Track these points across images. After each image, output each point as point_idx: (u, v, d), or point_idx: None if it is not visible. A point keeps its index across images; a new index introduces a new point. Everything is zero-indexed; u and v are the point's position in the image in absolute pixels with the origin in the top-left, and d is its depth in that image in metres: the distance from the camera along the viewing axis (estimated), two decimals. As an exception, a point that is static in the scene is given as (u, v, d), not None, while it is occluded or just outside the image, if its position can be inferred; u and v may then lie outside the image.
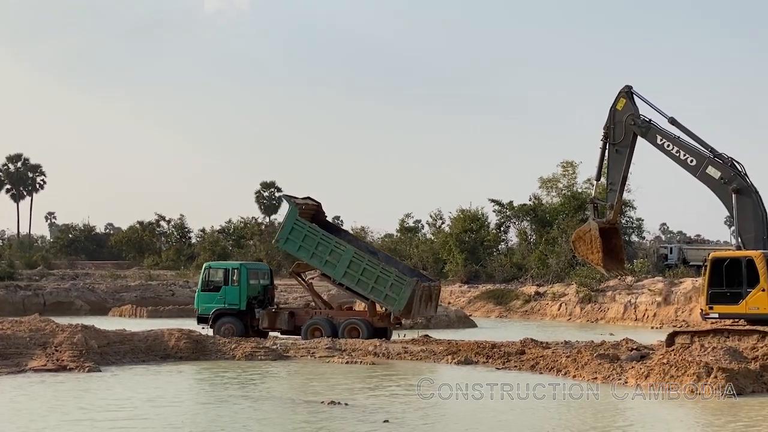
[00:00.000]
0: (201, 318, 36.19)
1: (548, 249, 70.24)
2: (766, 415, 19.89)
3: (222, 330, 34.79)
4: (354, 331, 34.04)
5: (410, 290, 33.20)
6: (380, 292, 33.76)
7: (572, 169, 75.72)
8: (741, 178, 29.31)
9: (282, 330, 35.40)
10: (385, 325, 34.91)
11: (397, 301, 33.37)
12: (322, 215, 37.45)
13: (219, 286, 35.86)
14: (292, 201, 35.61)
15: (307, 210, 36.21)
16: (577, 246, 32.41)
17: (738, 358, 24.35)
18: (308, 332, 34.32)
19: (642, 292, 56.69)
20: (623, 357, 27.65)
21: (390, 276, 33.67)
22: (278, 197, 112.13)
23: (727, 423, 19.22)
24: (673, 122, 30.37)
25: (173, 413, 20.20)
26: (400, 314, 34.07)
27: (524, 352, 29.96)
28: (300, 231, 34.76)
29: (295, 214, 35.05)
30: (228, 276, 35.92)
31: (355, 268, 34.03)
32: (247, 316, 35.46)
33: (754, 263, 28.00)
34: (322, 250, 34.52)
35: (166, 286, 67.44)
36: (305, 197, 37.03)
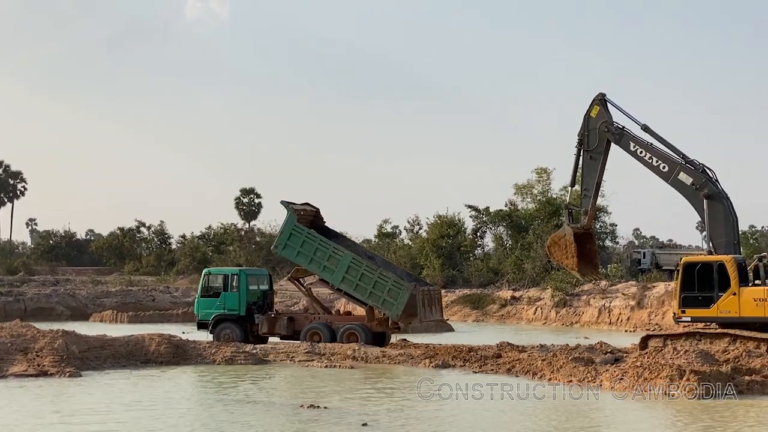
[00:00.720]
0: (201, 324, 36.11)
1: (524, 254, 70.38)
2: (734, 417, 20.00)
3: (222, 335, 34.72)
4: (353, 336, 33.84)
5: (408, 295, 32.98)
6: (378, 297, 33.50)
7: (546, 176, 75.91)
8: (712, 184, 29.45)
9: (281, 335, 35.10)
10: (383, 330, 34.59)
11: (395, 305, 33.13)
12: (321, 221, 37.16)
13: (219, 292, 35.65)
14: (291, 207, 35.31)
15: (305, 215, 35.94)
16: (552, 251, 32.47)
17: (710, 361, 24.46)
18: (307, 337, 34.13)
19: (616, 296, 56.87)
20: (598, 360, 27.70)
21: (388, 281, 33.44)
22: (258, 204, 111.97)
23: (696, 424, 19.30)
24: (646, 129, 30.49)
25: (149, 416, 20.13)
26: (398, 319, 33.79)
27: (500, 356, 29.98)
28: (298, 236, 34.54)
29: (293, 219, 34.78)
30: (227, 282, 35.69)
31: (354, 274, 33.79)
32: (246, 321, 35.29)
33: (725, 267, 28.14)
34: (320, 256, 34.26)
35: (147, 291, 67.21)
36: (303, 203, 36.75)
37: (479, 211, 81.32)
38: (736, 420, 19.69)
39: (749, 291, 27.97)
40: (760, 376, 23.50)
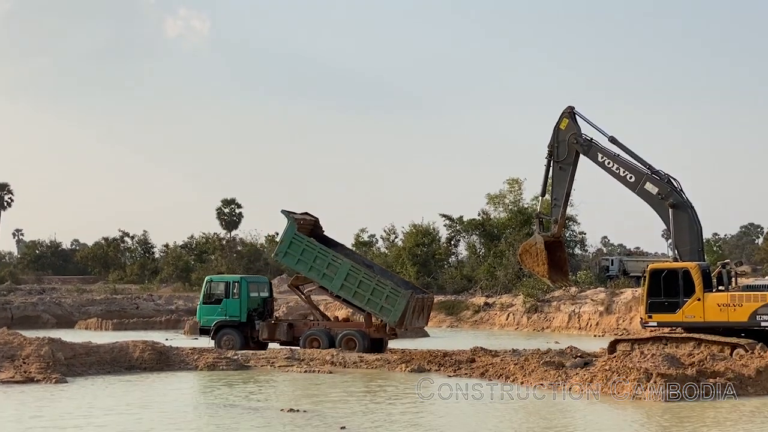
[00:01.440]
0: (203, 330, 36.02)
1: (496, 262, 70.54)
2: (694, 418, 20.10)
3: (223, 341, 34.67)
4: (351, 341, 33.67)
5: (405, 302, 32.90)
6: (376, 304, 33.36)
7: (518, 186, 76.12)
8: (677, 194, 29.60)
9: (281, 341, 34.95)
10: (380, 336, 34.46)
11: (393, 312, 33.01)
12: (320, 230, 37.02)
13: (220, 299, 35.56)
14: (291, 216, 35.17)
15: (305, 225, 35.77)
16: (523, 259, 32.52)
17: (676, 364, 24.52)
18: (306, 343, 34.04)
19: (585, 302, 57.08)
20: (568, 364, 27.75)
21: (386, 288, 33.32)
22: (239, 214, 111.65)
23: (662, 425, 19.39)
24: (613, 141, 30.62)
25: (128, 420, 20.04)
26: (396, 325, 33.69)
27: (474, 360, 30.01)
28: (298, 245, 34.38)
29: (293, 228, 34.61)
30: (229, 289, 35.59)
31: (352, 281, 33.65)
32: (247, 327, 35.19)
33: (690, 274, 28.30)
34: (319, 264, 34.12)
35: (131, 299, 66.98)
36: (303, 212, 36.59)
37: (453, 221, 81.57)
38: (691, 421, 19.76)
39: (713, 297, 28.12)
40: (723, 379, 23.59)
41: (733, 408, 21.26)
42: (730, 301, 27.87)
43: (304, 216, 36.25)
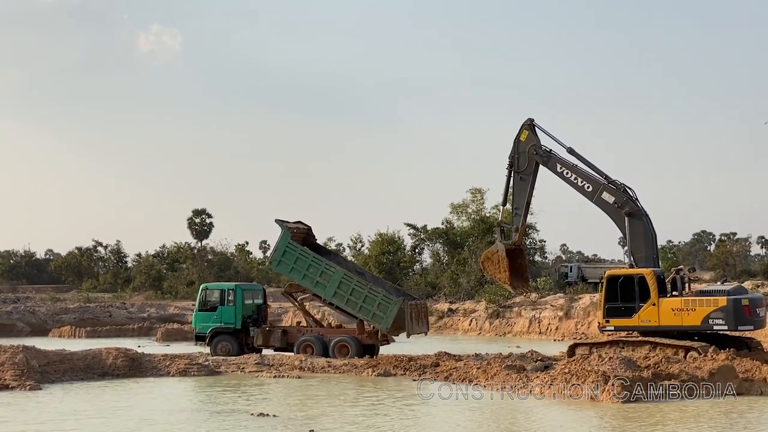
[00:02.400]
0: (199, 336, 35.72)
1: (459, 269, 70.64)
2: (650, 417, 20.21)
3: (218, 348, 34.46)
4: (344, 348, 33.53)
5: (396, 309, 32.72)
6: (368, 311, 33.19)
7: (480, 196, 76.34)
8: (633, 203, 29.78)
9: (275, 347, 34.77)
10: (373, 342, 34.27)
11: (384, 319, 32.85)
12: (312, 238, 36.84)
13: (215, 306, 35.34)
14: (285, 225, 34.92)
15: (298, 233, 35.54)
16: (485, 266, 32.57)
17: (632, 367, 24.64)
18: (300, 349, 33.87)
19: (545, 308, 57.24)
20: (529, 367, 27.84)
21: (377, 296, 33.15)
22: (209, 224, 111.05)
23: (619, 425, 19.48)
24: (571, 152, 30.77)
25: (96, 424, 19.89)
26: (387, 332, 33.52)
27: (438, 365, 30.01)
28: (292, 253, 34.16)
29: (287, 237, 34.36)
30: (224, 296, 35.40)
31: (345, 289, 33.44)
32: (242, 334, 34.99)
33: (645, 280, 28.46)
34: (313, 272, 33.90)
35: (104, 307, 66.34)
36: (296, 221, 36.35)
37: (417, 229, 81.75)
38: (641, 420, 19.88)
39: (667, 302, 28.28)
40: (678, 381, 23.74)
41: (684, 409, 21.41)
42: (684, 305, 28.03)
43: (297, 225, 36.08)
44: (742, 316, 27.58)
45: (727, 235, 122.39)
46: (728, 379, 23.97)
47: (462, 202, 77.56)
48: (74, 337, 52.55)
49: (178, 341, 47.59)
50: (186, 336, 49.76)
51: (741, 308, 27.59)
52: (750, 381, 24.03)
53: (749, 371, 24.41)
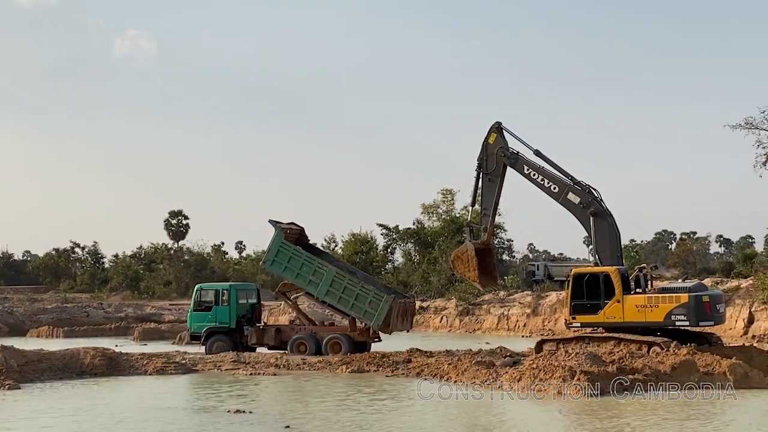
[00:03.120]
0: (194, 336, 35.64)
1: (430, 268, 70.76)
2: (609, 410, 20.36)
3: (214, 347, 34.33)
4: (336, 345, 33.56)
5: (388, 306, 32.78)
6: (360, 309, 33.22)
7: (451, 196, 76.54)
8: (597, 203, 29.94)
9: (269, 345, 34.70)
10: (364, 339, 34.27)
11: (376, 316, 32.87)
12: (305, 239, 36.84)
13: (210, 306, 35.26)
14: (278, 225, 34.88)
15: (291, 234, 35.51)
16: (455, 265, 32.64)
17: (598, 362, 24.82)
18: (294, 347, 33.82)
19: (513, 305, 57.47)
20: (498, 363, 27.93)
21: (369, 293, 33.18)
22: (185, 225, 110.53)
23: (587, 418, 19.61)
24: (538, 154, 30.89)
25: (69, 422, 19.76)
26: (379, 328, 33.56)
27: (411, 361, 30.07)
28: (285, 253, 34.15)
29: (280, 237, 34.35)
30: (218, 296, 35.32)
31: (337, 287, 33.45)
32: (236, 333, 34.93)
33: (610, 278, 28.62)
34: (306, 271, 33.89)
35: (81, 308, 65.85)
36: (290, 222, 36.32)
37: (389, 230, 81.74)
38: (596, 415, 20.03)
39: (631, 298, 28.45)
40: (641, 375, 23.95)
41: (646, 402, 21.56)
42: (647, 302, 28.21)
43: (290, 225, 36.07)
44: (703, 312, 27.81)
45: (688, 234, 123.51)
46: (690, 373, 24.22)
47: (433, 203, 77.76)
48: (52, 337, 52.12)
49: (155, 340, 47.35)
50: (163, 335, 49.63)
51: (702, 305, 27.82)
52: (710, 375, 24.26)
53: (710, 365, 24.64)
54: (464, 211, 70.86)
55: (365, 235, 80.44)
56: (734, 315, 44.83)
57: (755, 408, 21.01)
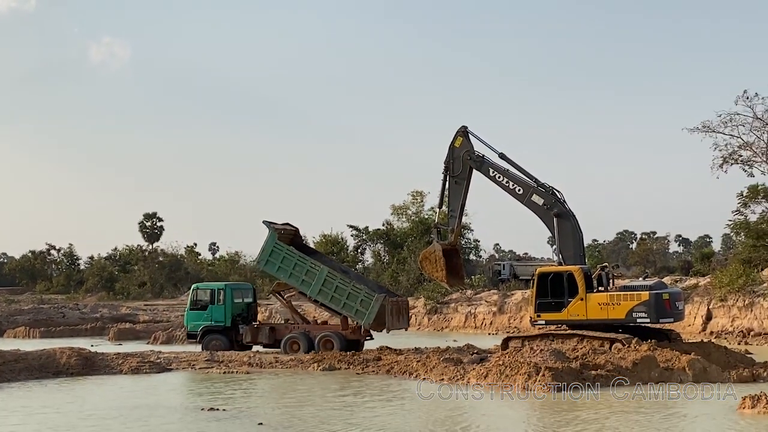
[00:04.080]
0: (190, 335, 35.39)
1: (399, 267, 70.84)
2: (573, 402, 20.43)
3: (210, 345, 34.09)
4: (328, 343, 33.33)
5: (378, 305, 32.56)
6: (351, 308, 33.00)
7: (420, 198, 76.71)
8: (560, 204, 30.07)
9: (264, 344, 34.50)
10: (357, 337, 34.01)
11: (367, 315, 32.65)
12: (300, 239, 36.71)
13: (206, 305, 34.96)
14: (272, 226, 34.67)
15: (285, 234, 35.33)
16: (424, 265, 32.67)
17: (562, 358, 24.90)
18: (287, 345, 33.60)
19: (480, 304, 57.65)
20: (466, 360, 27.97)
21: (360, 292, 32.96)
22: (160, 227, 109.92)
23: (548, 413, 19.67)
24: (503, 157, 31.00)
25: (39, 420, 19.53)
26: (370, 327, 33.37)
27: (381, 359, 30.02)
28: (279, 253, 33.91)
29: (274, 238, 34.13)
30: (214, 296, 35.04)
31: (329, 286, 33.23)
32: (232, 331, 34.66)
33: (573, 277, 28.77)
34: (298, 270, 33.68)
35: (58, 308, 65.32)
36: (284, 223, 36.14)
37: (360, 230, 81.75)
38: (554, 408, 20.10)
39: (594, 297, 28.61)
40: (604, 371, 24.06)
41: (609, 397, 21.65)
42: (610, 300, 28.38)
43: (284, 226, 35.93)
44: (663, 309, 28.02)
45: (648, 234, 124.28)
46: (650, 368, 24.37)
47: (402, 204, 77.86)
48: (29, 337, 51.62)
49: (130, 340, 47.03)
50: (138, 335, 49.29)
51: (662, 302, 28.03)
52: (670, 370, 24.43)
53: (669, 361, 24.81)
54: (432, 212, 71.05)
55: (336, 235, 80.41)
56: (693, 312, 45.19)
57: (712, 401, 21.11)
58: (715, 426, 17.49)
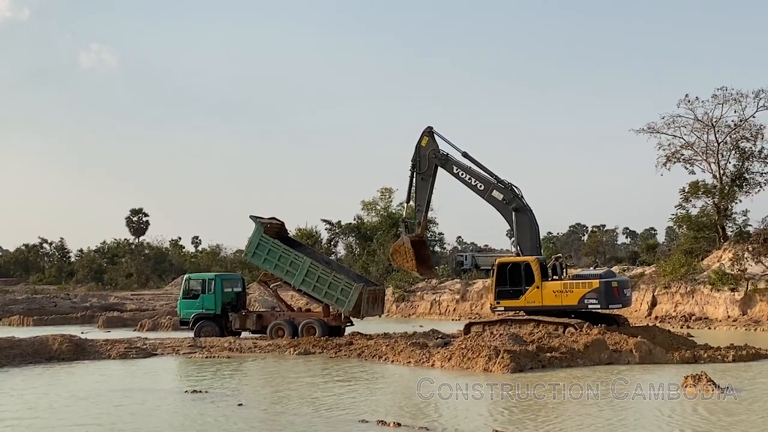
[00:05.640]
0: (183, 322, 35.26)
1: (369, 259, 70.78)
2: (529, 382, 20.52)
3: (201, 332, 34.01)
4: (311, 329, 33.22)
5: (357, 294, 32.53)
6: (332, 296, 32.94)
7: (389, 194, 76.66)
8: (518, 200, 30.19)
9: (251, 330, 34.43)
10: (338, 324, 33.95)
11: (347, 303, 32.62)
12: (285, 232, 36.67)
13: (198, 294, 34.83)
14: (258, 221, 34.59)
15: (272, 228, 35.29)
16: (394, 258, 32.67)
17: (519, 342, 25.03)
18: (273, 332, 33.48)
19: (444, 292, 57.81)
20: (431, 344, 28.02)
21: (340, 282, 32.92)
22: (146, 222, 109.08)
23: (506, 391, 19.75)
24: (466, 155, 31.06)
25: (23, 402, 19.31)
26: (350, 314, 33.29)
27: (352, 343, 30.02)
28: (265, 246, 33.87)
29: (260, 231, 34.08)
30: (205, 285, 34.91)
31: (312, 276, 33.18)
32: (222, 319, 34.58)
33: (530, 267, 28.90)
34: (283, 262, 33.60)
35: (50, 298, 64.66)
36: (270, 217, 36.09)
37: (332, 224, 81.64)
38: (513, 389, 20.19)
39: (549, 285, 28.76)
40: (558, 353, 24.20)
41: (556, 375, 21.76)
42: (563, 288, 28.55)
43: (271, 220, 35.89)
44: (612, 296, 28.22)
45: (598, 226, 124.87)
46: (600, 350, 24.54)
47: (372, 200, 77.79)
48: (23, 325, 51.18)
49: (118, 328, 46.70)
50: (125, 323, 48.97)
51: (611, 289, 28.23)
52: (618, 352, 24.62)
53: (618, 344, 24.99)
54: (400, 207, 71.09)
55: (310, 229, 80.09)
56: (639, 298, 45.62)
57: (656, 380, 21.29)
58: (660, 404, 17.61)
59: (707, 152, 52.80)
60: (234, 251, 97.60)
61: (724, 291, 42.62)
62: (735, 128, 51.87)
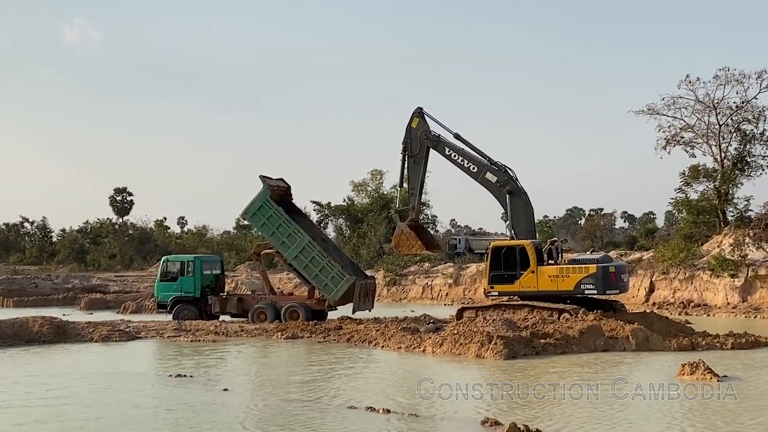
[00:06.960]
0: (160, 305, 35.20)
1: (360, 241, 70.82)
2: (522, 368, 20.57)
3: (180, 315, 33.95)
4: (294, 313, 33.28)
5: (347, 286, 32.54)
6: (321, 281, 32.92)
7: (379, 175, 76.60)
8: (513, 182, 30.19)
9: (231, 314, 34.37)
10: (321, 308, 33.88)
11: (334, 291, 32.66)
12: (290, 197, 36.54)
13: (176, 277, 34.86)
14: (266, 181, 34.32)
15: (277, 190, 35.11)
16: (399, 248, 32.48)
17: (513, 328, 25.06)
18: (254, 315, 33.49)
19: (437, 276, 57.87)
20: (422, 329, 28.06)
21: (333, 269, 32.84)
22: (130, 201, 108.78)
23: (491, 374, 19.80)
24: (458, 137, 31.01)
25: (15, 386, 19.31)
26: (334, 303, 33.27)
27: (341, 328, 30.04)
28: (267, 210, 33.58)
29: (266, 194, 33.76)
30: (184, 268, 34.89)
31: (306, 255, 33.06)
32: (201, 302, 34.60)
33: (525, 250, 28.94)
34: (281, 231, 33.42)
35: (30, 279, 64.52)
36: (278, 178, 35.90)
37: (322, 206, 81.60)
38: (508, 374, 20.25)
39: (545, 269, 28.83)
40: (552, 339, 24.25)
41: (553, 362, 21.81)
42: (559, 273, 28.61)
43: (278, 182, 35.72)
44: (610, 281, 28.29)
45: (595, 210, 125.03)
46: (596, 337, 24.60)
47: (362, 181, 77.74)
48: (2, 306, 51.20)
49: (101, 310, 46.67)
50: (108, 305, 48.94)
51: (608, 275, 28.30)
52: (614, 339, 24.68)
53: (614, 330, 25.05)
54: (392, 189, 71.10)
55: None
56: (637, 284, 45.74)
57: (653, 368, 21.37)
58: (656, 392, 17.67)
59: (708, 135, 52.86)
60: (221, 232, 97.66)
61: (724, 277, 42.75)
62: (737, 110, 51.88)
